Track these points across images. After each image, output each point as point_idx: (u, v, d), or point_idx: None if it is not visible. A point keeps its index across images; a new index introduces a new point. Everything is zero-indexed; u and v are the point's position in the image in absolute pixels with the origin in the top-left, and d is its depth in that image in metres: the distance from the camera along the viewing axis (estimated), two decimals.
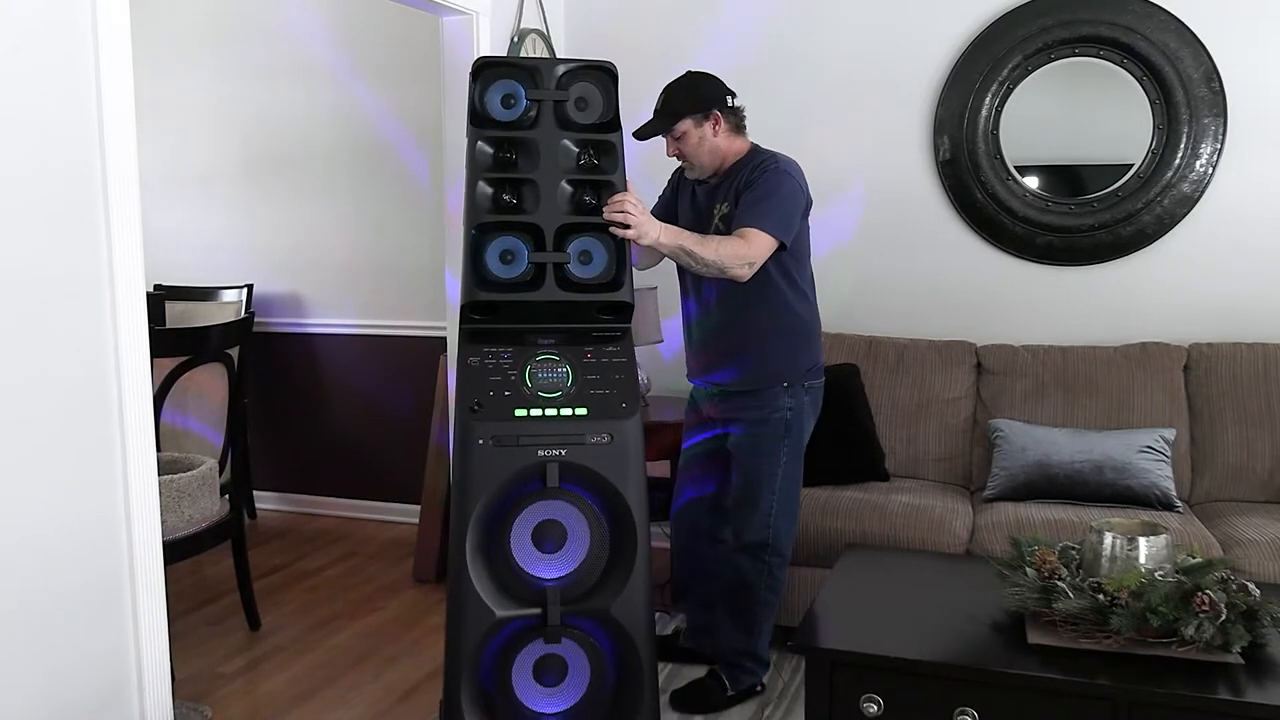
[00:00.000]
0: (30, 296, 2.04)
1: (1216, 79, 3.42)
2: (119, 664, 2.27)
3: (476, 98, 2.35)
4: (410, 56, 4.34)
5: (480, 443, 2.21)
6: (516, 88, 2.35)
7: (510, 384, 2.27)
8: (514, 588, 2.21)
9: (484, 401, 2.26)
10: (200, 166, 4.75)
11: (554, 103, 2.35)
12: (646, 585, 2.24)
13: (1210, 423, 3.30)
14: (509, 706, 2.22)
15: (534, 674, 2.23)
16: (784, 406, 2.75)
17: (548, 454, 2.21)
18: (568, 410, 2.25)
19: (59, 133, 2.09)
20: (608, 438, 2.23)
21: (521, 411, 2.23)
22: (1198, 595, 1.89)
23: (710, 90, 2.74)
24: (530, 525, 2.23)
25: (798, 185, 2.68)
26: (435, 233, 4.19)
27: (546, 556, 2.25)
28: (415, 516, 4.16)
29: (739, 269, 2.55)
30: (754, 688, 2.86)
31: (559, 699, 2.25)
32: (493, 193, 2.35)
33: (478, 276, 2.31)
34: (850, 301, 3.87)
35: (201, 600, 3.67)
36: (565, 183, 2.36)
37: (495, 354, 2.31)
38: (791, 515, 2.82)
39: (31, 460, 2.06)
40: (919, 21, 3.72)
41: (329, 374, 4.66)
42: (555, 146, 2.34)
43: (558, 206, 2.33)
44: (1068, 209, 3.61)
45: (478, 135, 2.35)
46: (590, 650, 2.23)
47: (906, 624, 2.14)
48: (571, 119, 2.36)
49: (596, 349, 2.34)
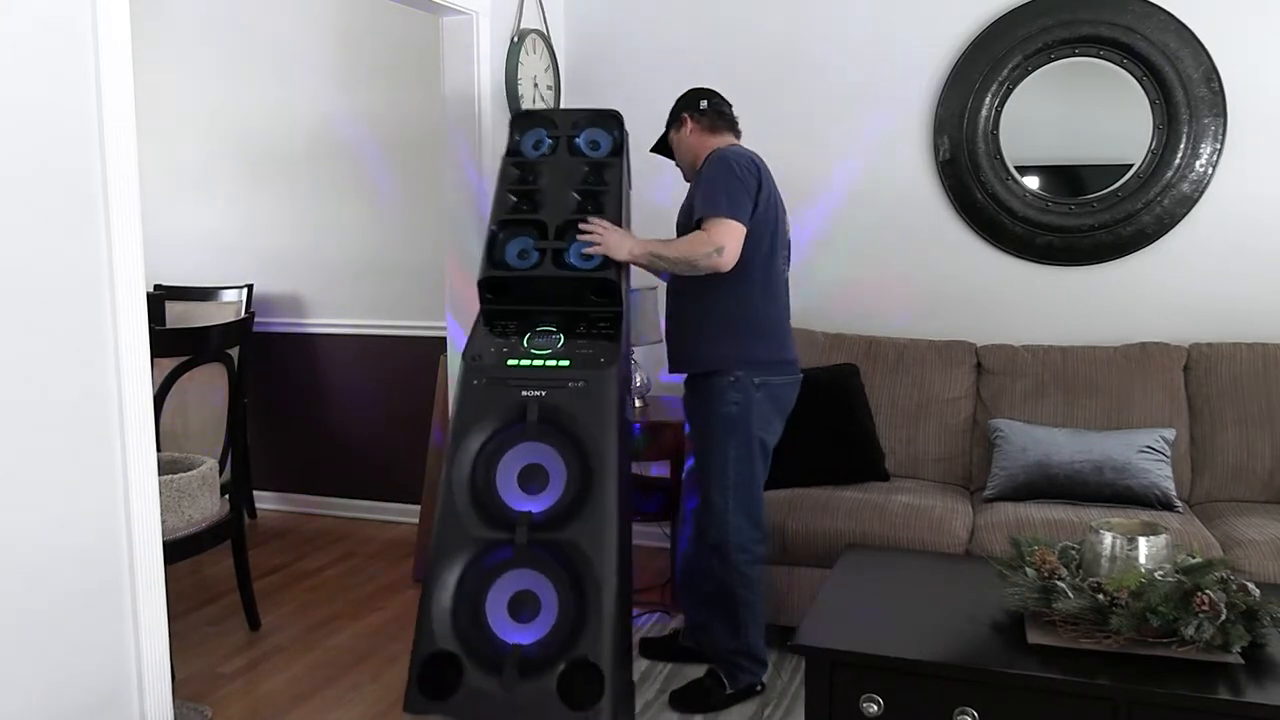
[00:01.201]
0: (30, 296, 2.04)
1: (1216, 79, 3.42)
2: (119, 664, 2.27)
3: (514, 140, 2.96)
4: (410, 56, 4.34)
5: (475, 383, 2.61)
6: (543, 135, 2.95)
7: (510, 344, 2.69)
8: (496, 518, 2.51)
9: (482, 354, 2.67)
10: (200, 166, 4.75)
11: (567, 139, 2.93)
12: (614, 521, 2.47)
13: (1210, 423, 3.30)
14: (481, 636, 2.44)
15: (509, 610, 2.47)
16: (729, 401, 2.75)
17: (530, 394, 2.57)
18: (553, 362, 2.62)
19: (59, 133, 2.09)
20: (583, 382, 2.57)
21: (514, 362, 2.62)
22: (1198, 595, 1.89)
23: (685, 99, 2.96)
24: (516, 468, 2.54)
25: (736, 168, 2.70)
26: (435, 233, 4.19)
27: (528, 495, 2.55)
28: (415, 516, 4.17)
29: (709, 259, 2.63)
30: (753, 687, 2.86)
31: (530, 632, 2.45)
32: (514, 201, 2.87)
33: (492, 262, 2.76)
34: (850, 301, 3.87)
35: (201, 600, 3.67)
36: (573, 193, 2.83)
37: (504, 325, 2.75)
38: (748, 513, 2.80)
39: (32, 460, 2.06)
40: (919, 22, 3.72)
41: (329, 374, 4.67)
42: (565, 169, 2.88)
43: (562, 210, 2.80)
44: (1068, 209, 3.61)
45: (510, 162, 2.92)
46: (557, 580, 2.44)
47: (906, 624, 2.14)
48: (583, 153, 2.92)
49: (589, 325, 2.71)
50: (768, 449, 2.84)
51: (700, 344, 2.80)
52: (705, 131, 2.90)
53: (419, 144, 4.37)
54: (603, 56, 4.08)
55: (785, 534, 3.10)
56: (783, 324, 2.85)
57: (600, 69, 4.06)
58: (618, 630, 2.45)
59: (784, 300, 2.86)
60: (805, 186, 3.84)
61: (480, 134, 3.59)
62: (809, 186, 3.85)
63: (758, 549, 2.83)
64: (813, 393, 3.30)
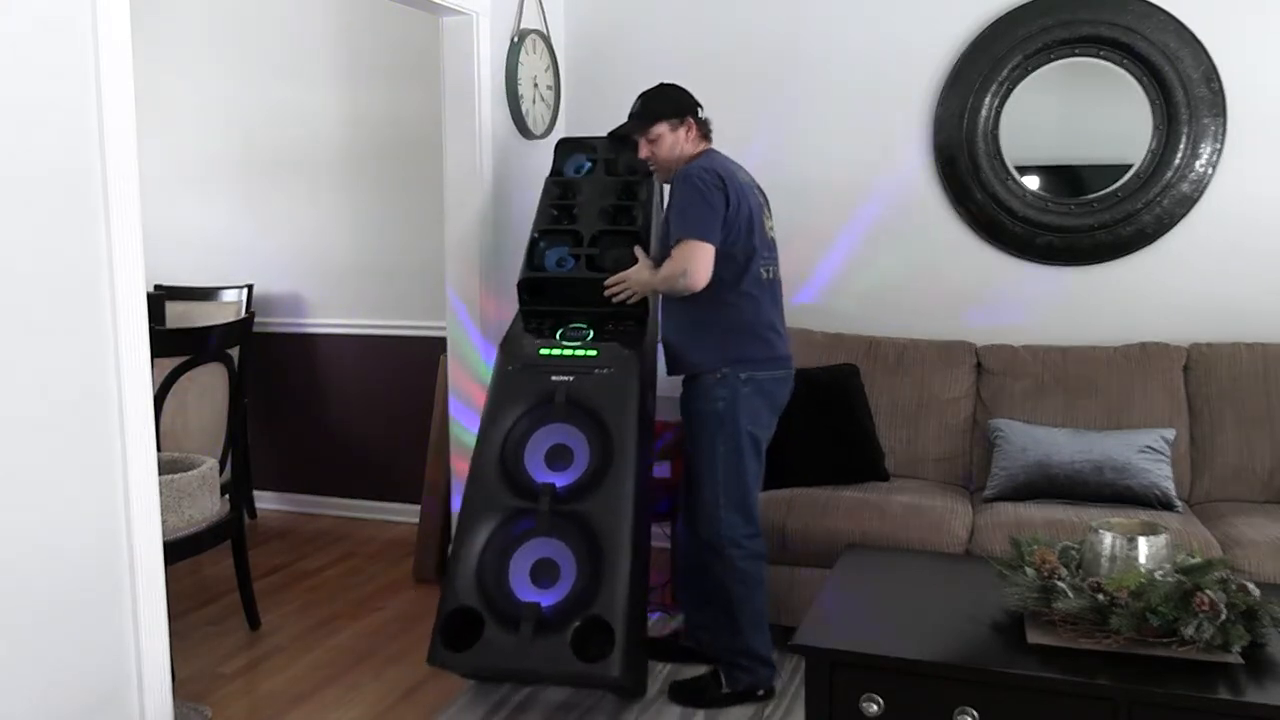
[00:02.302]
0: (30, 296, 2.04)
1: (1216, 79, 3.42)
2: (119, 664, 2.27)
3: (558, 163, 3.36)
4: (410, 56, 4.34)
5: (509, 369, 2.88)
6: (583, 160, 3.33)
7: (543, 337, 2.96)
8: (522, 489, 2.73)
9: (518, 344, 2.94)
10: (200, 166, 4.75)
11: (605, 161, 3.29)
12: (630, 495, 2.68)
13: (1210, 423, 3.30)
14: (503, 595, 2.64)
15: (531, 576, 2.67)
16: (716, 397, 2.78)
17: (559, 379, 2.82)
18: (582, 352, 2.87)
19: (59, 133, 2.09)
20: (609, 369, 2.82)
21: (546, 351, 2.89)
22: (1198, 595, 1.89)
23: (685, 97, 2.93)
24: (544, 447, 2.77)
25: (701, 186, 2.73)
26: (436, 233, 4.19)
27: (554, 471, 2.76)
28: (415, 516, 4.16)
29: (681, 281, 2.72)
30: (754, 688, 2.84)
31: (549, 596, 2.65)
32: (554, 215, 3.20)
33: (531, 265, 3.09)
34: (850, 301, 3.87)
35: (201, 600, 3.67)
36: (606, 207, 3.15)
37: (538, 323, 3.03)
38: (741, 509, 2.80)
39: (31, 460, 2.06)
40: (919, 21, 3.72)
41: (329, 374, 4.67)
42: (601, 187, 3.22)
43: (596, 221, 3.14)
44: (1068, 209, 3.61)
45: (553, 181, 3.28)
46: (576, 548, 2.64)
47: (906, 624, 2.15)
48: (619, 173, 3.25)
49: (617, 324, 2.96)
50: (759, 444, 2.84)
51: (689, 348, 2.84)
52: (700, 138, 2.93)
53: (419, 144, 4.37)
54: (603, 56, 4.08)
55: (785, 534, 3.10)
56: (769, 324, 2.85)
57: (600, 69, 4.06)
58: (631, 592, 2.61)
59: (768, 301, 2.86)
60: (805, 186, 3.84)
61: (480, 134, 3.59)
62: (808, 186, 3.84)
63: (752, 544, 2.82)
64: (812, 393, 3.31)
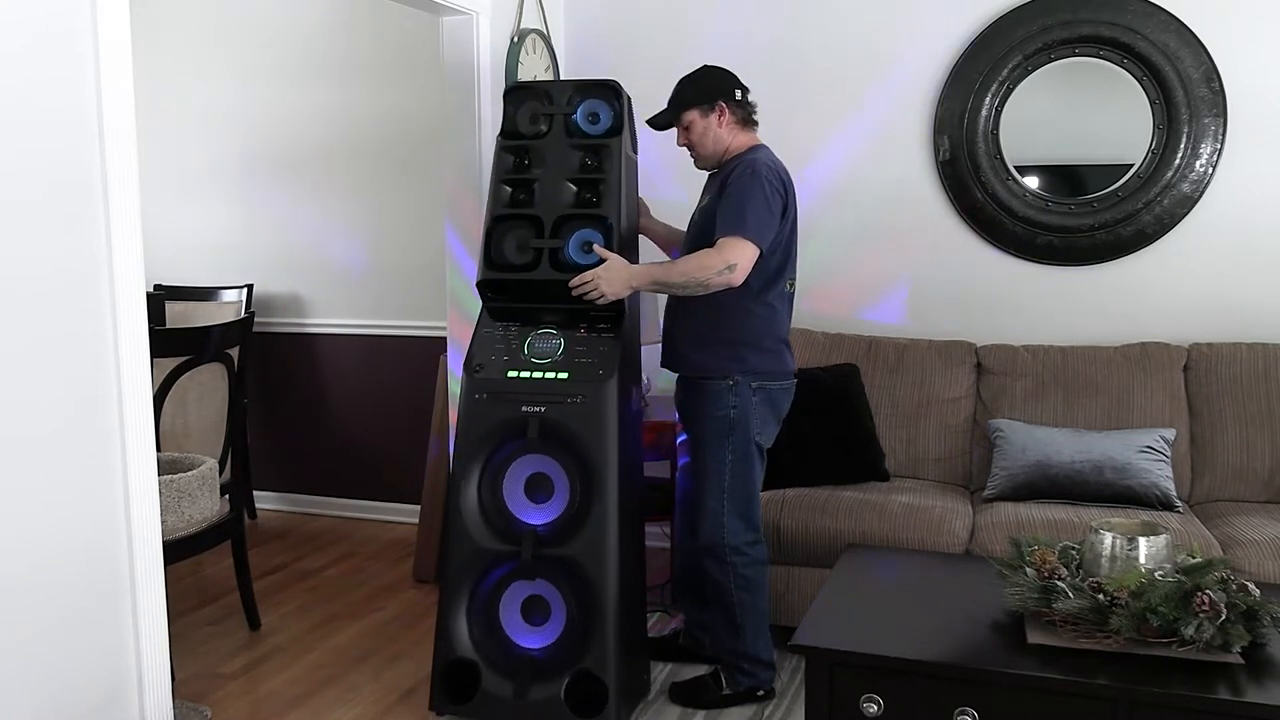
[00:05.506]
0: (30, 296, 2.04)
1: (1216, 79, 3.42)
2: (119, 664, 2.27)
3: (509, 116, 2.88)
4: (410, 56, 4.34)
5: (477, 398, 2.67)
6: (539, 110, 2.85)
7: (511, 350, 2.71)
8: (504, 532, 2.63)
9: (484, 364, 2.70)
10: (200, 166, 4.75)
11: (563, 116, 2.83)
12: (613, 534, 2.57)
13: (1210, 423, 3.30)
14: (495, 643, 2.62)
15: (522, 613, 2.64)
16: (728, 405, 2.73)
17: (530, 409, 2.61)
18: (552, 374, 2.64)
19: (59, 133, 2.09)
20: (582, 398, 2.60)
21: (514, 373, 2.67)
22: (1198, 595, 1.89)
23: (718, 82, 2.78)
24: (522, 478, 2.65)
25: (767, 188, 2.62)
26: (436, 233, 4.19)
27: (535, 505, 2.65)
28: (415, 516, 4.17)
29: (719, 276, 2.57)
30: (755, 690, 2.84)
31: (542, 636, 2.62)
32: (510, 192, 2.82)
33: (488, 261, 2.77)
34: (850, 302, 3.87)
35: (201, 600, 3.67)
36: (569, 183, 2.78)
37: (505, 326, 2.77)
38: (745, 516, 2.77)
39: (31, 460, 2.06)
40: (919, 21, 3.72)
41: (329, 374, 4.67)
42: (562, 154, 2.81)
43: (559, 202, 2.77)
44: (1068, 209, 3.61)
45: (504, 145, 2.85)
46: (564, 590, 2.58)
47: (906, 624, 2.14)
48: (581, 130, 2.82)
49: (590, 326, 2.72)
50: (763, 452, 2.83)
51: (698, 350, 2.77)
52: (738, 125, 2.77)
53: (419, 144, 4.37)
54: (603, 56, 4.07)
55: (784, 534, 3.10)
56: (782, 337, 2.80)
57: (600, 69, 4.05)
58: (620, 641, 2.55)
59: (785, 313, 2.81)
60: (804, 186, 3.83)
61: (480, 134, 3.59)
62: (808, 186, 3.85)
63: (754, 551, 2.81)
64: (813, 393, 3.30)
